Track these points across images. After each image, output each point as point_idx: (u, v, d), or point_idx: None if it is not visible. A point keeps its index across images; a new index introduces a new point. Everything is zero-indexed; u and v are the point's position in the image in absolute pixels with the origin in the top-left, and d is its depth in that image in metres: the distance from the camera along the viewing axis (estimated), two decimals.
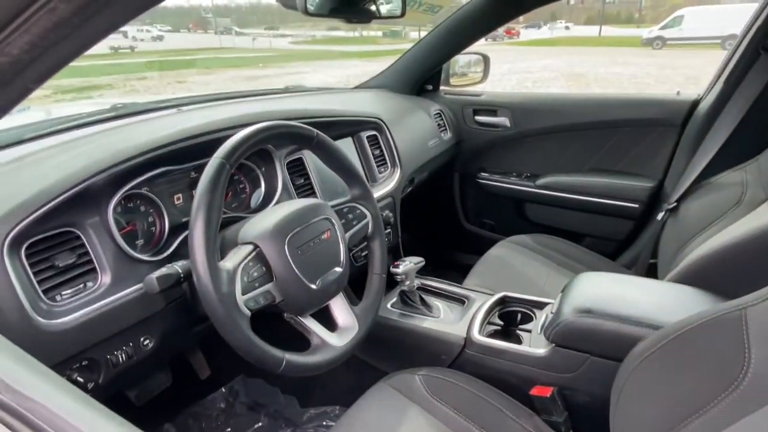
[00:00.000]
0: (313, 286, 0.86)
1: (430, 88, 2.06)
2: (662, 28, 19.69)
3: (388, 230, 1.46)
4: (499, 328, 1.12)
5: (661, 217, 1.45)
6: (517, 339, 1.07)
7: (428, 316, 1.18)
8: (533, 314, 1.13)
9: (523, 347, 1.03)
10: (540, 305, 1.15)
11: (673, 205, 1.41)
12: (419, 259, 1.18)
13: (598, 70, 12.93)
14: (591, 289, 0.97)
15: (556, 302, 1.00)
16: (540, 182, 1.92)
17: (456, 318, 1.17)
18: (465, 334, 1.09)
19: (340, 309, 0.98)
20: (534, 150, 1.97)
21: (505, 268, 1.46)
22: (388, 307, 1.22)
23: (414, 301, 1.20)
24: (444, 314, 1.19)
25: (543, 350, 0.99)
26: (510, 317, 1.14)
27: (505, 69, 13.09)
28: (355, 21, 1.39)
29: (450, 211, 2.22)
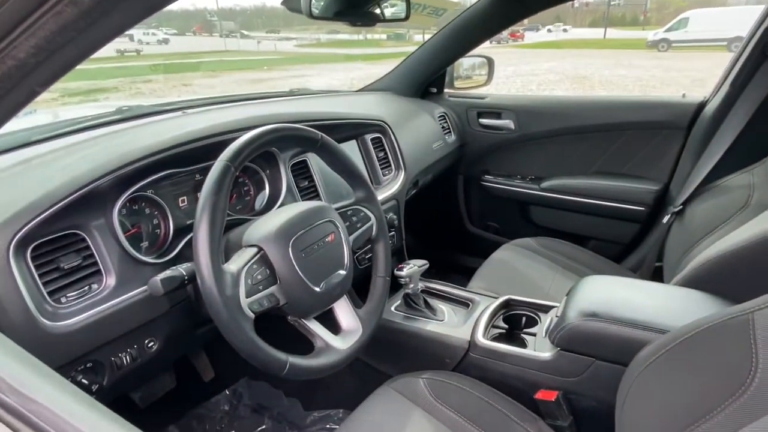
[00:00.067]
0: (317, 289, 0.86)
1: (435, 90, 2.06)
2: (667, 31, 19.63)
3: (392, 233, 1.46)
4: (504, 331, 1.12)
5: (667, 220, 1.44)
6: (521, 342, 1.07)
7: (432, 319, 1.18)
8: (538, 318, 1.13)
9: (527, 351, 1.02)
10: (545, 308, 1.14)
11: (679, 208, 1.40)
12: (423, 261, 1.18)
13: (603, 72, 12.89)
14: (596, 293, 0.97)
15: (561, 306, 1.00)
16: (545, 185, 1.91)
17: (460, 321, 1.17)
18: (469, 337, 1.09)
19: (344, 312, 0.98)
20: (538, 153, 1.97)
21: (509, 271, 1.46)
22: (392, 310, 1.22)
23: (418, 304, 1.20)
24: (448, 317, 1.19)
25: (548, 354, 0.99)
26: (514, 320, 1.14)
27: (509, 71, 13.09)
28: (360, 24, 1.40)
29: (454, 214, 2.21)
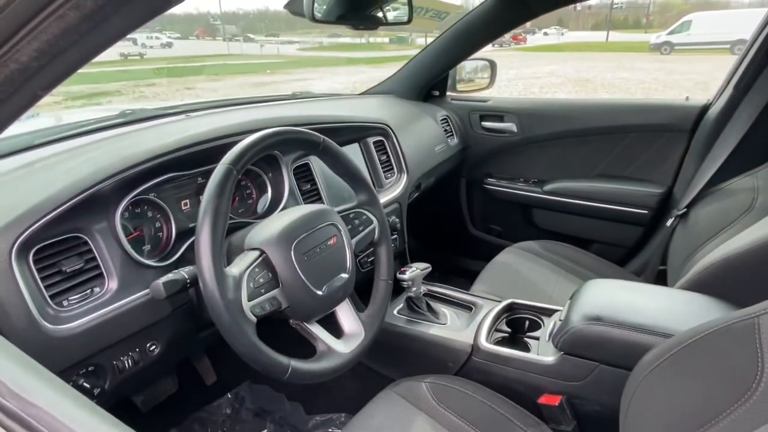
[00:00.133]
0: (319, 293, 0.85)
1: (437, 93, 2.07)
2: (670, 33, 19.61)
3: (395, 236, 1.45)
4: (507, 335, 1.11)
5: (671, 223, 1.43)
6: (524, 346, 1.06)
7: (435, 323, 1.17)
8: (541, 321, 1.12)
9: (531, 355, 1.02)
10: (548, 312, 1.14)
11: (683, 212, 1.39)
12: (426, 265, 1.18)
13: (606, 75, 12.88)
14: (600, 297, 0.96)
15: (564, 309, 0.99)
16: (547, 188, 1.91)
17: (463, 325, 1.16)
18: (472, 341, 1.09)
19: (347, 315, 0.97)
20: (541, 156, 1.96)
21: (512, 275, 1.45)
22: (395, 313, 1.22)
23: (420, 308, 1.19)
24: (451, 321, 1.18)
25: (551, 358, 0.98)
26: (518, 324, 1.13)
27: (511, 75, 13.09)
28: (362, 27, 1.40)
29: (457, 217, 2.21)
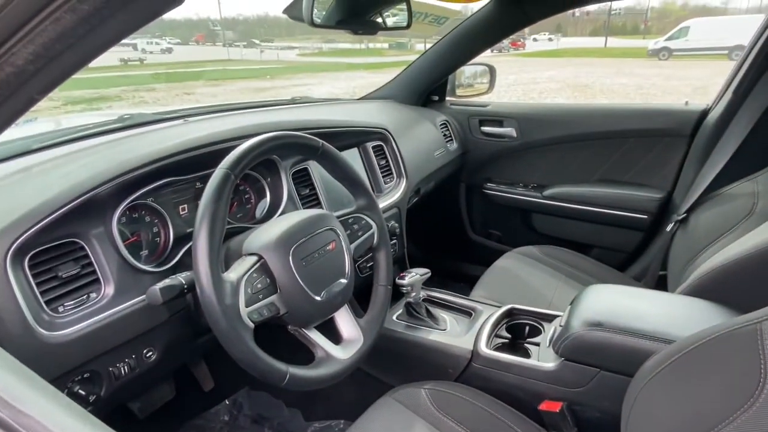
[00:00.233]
0: (318, 298, 0.85)
1: (436, 98, 2.07)
2: (668, 39, 19.74)
3: (394, 241, 1.45)
4: (507, 341, 1.11)
5: (671, 228, 1.43)
6: (525, 352, 1.05)
7: (434, 329, 1.16)
8: (541, 327, 1.12)
9: (531, 361, 1.01)
10: (548, 318, 1.13)
11: (683, 217, 1.39)
12: (425, 270, 1.17)
13: (604, 80, 12.94)
14: (600, 302, 0.96)
15: (564, 315, 0.99)
16: (547, 193, 1.90)
17: (463, 330, 1.16)
18: (472, 347, 1.08)
19: (345, 321, 0.97)
20: (541, 160, 1.96)
21: (512, 280, 1.45)
22: (394, 319, 1.21)
23: (420, 313, 1.19)
24: (450, 326, 1.18)
25: (552, 364, 0.97)
26: (518, 330, 1.13)
27: (510, 80, 13.15)
28: (362, 33, 1.40)
29: (456, 222, 2.20)
